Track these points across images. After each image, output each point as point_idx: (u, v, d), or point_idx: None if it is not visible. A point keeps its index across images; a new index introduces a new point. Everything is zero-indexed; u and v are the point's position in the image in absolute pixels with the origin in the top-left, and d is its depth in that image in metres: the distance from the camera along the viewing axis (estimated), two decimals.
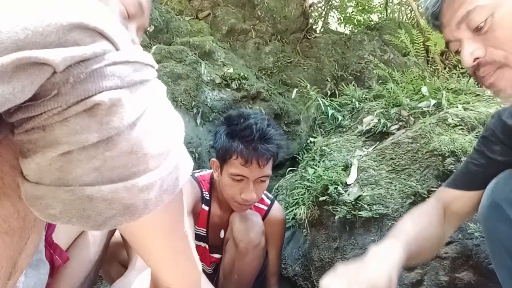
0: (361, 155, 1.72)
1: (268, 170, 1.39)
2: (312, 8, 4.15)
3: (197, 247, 1.52)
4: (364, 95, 2.33)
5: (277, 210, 1.61)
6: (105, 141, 0.31)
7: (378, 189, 1.51)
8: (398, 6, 5.09)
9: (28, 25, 0.29)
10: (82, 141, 0.30)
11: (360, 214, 1.45)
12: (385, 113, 1.91)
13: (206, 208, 1.50)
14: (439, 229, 1.01)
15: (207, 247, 1.54)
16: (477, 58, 0.79)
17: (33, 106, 0.30)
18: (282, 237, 1.63)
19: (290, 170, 2.18)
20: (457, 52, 0.86)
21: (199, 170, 1.61)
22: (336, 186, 1.57)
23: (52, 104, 0.30)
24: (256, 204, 1.55)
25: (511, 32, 0.74)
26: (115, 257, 1.32)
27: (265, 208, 1.58)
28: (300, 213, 1.65)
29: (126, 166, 0.32)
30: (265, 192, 1.59)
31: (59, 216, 0.31)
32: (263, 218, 1.53)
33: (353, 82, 2.84)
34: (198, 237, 1.51)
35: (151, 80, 0.38)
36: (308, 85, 2.47)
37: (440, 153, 1.44)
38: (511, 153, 0.96)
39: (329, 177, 1.60)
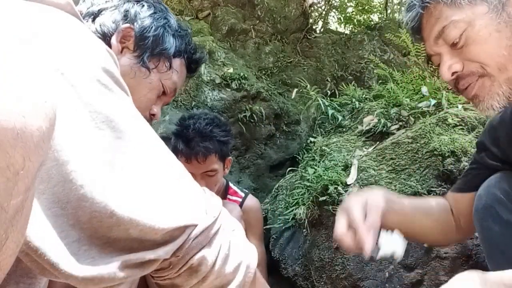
0: (361, 155, 1.72)
1: (211, 165, 1.53)
2: (312, 8, 4.14)
3: None
4: (364, 95, 2.33)
5: (251, 200, 1.77)
6: (203, 279, 0.55)
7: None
8: (398, 6, 5.08)
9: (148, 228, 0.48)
10: (191, 283, 0.55)
11: None
12: (385, 113, 1.91)
13: None
14: (443, 214, 1.04)
15: None
16: (455, 72, 0.82)
17: (162, 271, 0.54)
18: (260, 224, 1.77)
19: (290, 170, 2.18)
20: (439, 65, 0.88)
21: None
22: (336, 186, 1.56)
23: (170, 271, 0.54)
24: (230, 197, 1.73)
25: (485, 46, 0.78)
26: None
27: (240, 199, 1.73)
28: (300, 213, 1.64)
29: (218, 285, 0.56)
30: (240, 187, 1.84)
31: None
32: None
33: (353, 82, 2.84)
34: None
35: (222, 223, 0.59)
36: (308, 85, 2.46)
37: (440, 153, 1.44)
38: (500, 159, 0.98)
39: (329, 177, 1.60)
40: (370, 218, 0.88)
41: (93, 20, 0.90)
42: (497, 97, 0.80)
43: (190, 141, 1.50)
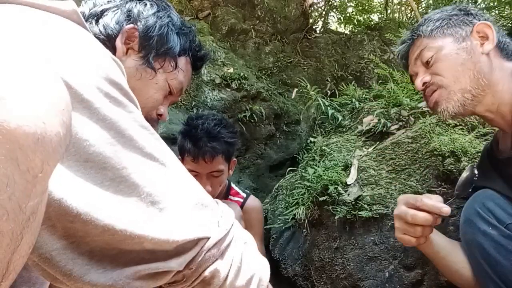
0: (361, 155, 1.72)
1: (218, 165, 1.54)
2: (312, 8, 4.14)
3: None
4: (364, 95, 2.33)
5: (253, 200, 1.78)
6: None
7: (378, 189, 1.51)
8: (398, 6, 5.08)
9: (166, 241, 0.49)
10: None
11: (360, 214, 1.45)
12: (385, 113, 1.91)
13: None
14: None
15: None
16: (426, 83, 1.09)
17: (176, 284, 0.54)
18: (260, 224, 1.78)
19: (290, 170, 2.18)
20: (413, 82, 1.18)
21: None
22: (336, 186, 1.57)
23: (184, 284, 0.54)
24: (232, 197, 1.74)
25: (446, 63, 1.06)
26: None
27: (241, 200, 1.74)
28: (300, 213, 1.64)
29: None
30: (241, 188, 1.85)
31: None
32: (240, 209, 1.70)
33: (353, 82, 2.84)
34: None
35: (234, 235, 0.59)
36: (308, 85, 2.46)
37: (440, 153, 1.44)
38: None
39: (329, 177, 1.60)
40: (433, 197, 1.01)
41: (96, 22, 0.87)
42: (452, 102, 1.04)
43: (198, 140, 1.50)
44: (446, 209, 0.94)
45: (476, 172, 0.99)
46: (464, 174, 1.02)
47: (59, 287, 0.47)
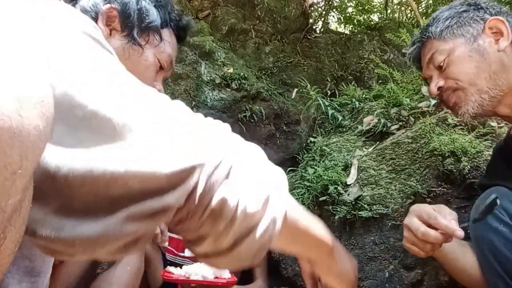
0: (361, 155, 1.72)
1: None
2: (312, 8, 4.14)
3: (172, 239, 1.69)
4: (364, 95, 2.33)
5: None
6: (231, 221, 0.48)
7: (378, 189, 1.51)
8: (398, 6, 5.08)
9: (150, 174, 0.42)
10: (219, 229, 0.47)
11: (360, 214, 1.45)
12: (385, 113, 1.91)
13: None
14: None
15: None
16: (440, 87, 1.07)
17: (183, 223, 0.48)
18: None
19: (290, 170, 2.18)
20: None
21: None
22: (336, 186, 1.57)
23: (191, 221, 0.47)
24: None
25: (460, 66, 1.02)
26: None
27: None
28: None
29: (247, 226, 0.49)
30: None
31: (245, 258, 0.52)
32: None
33: (353, 82, 2.84)
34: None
35: (236, 154, 0.51)
36: (308, 85, 2.46)
37: (440, 153, 1.44)
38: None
39: (329, 177, 1.60)
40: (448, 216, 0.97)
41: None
42: (471, 103, 1.01)
43: None
44: (460, 233, 0.90)
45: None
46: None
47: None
